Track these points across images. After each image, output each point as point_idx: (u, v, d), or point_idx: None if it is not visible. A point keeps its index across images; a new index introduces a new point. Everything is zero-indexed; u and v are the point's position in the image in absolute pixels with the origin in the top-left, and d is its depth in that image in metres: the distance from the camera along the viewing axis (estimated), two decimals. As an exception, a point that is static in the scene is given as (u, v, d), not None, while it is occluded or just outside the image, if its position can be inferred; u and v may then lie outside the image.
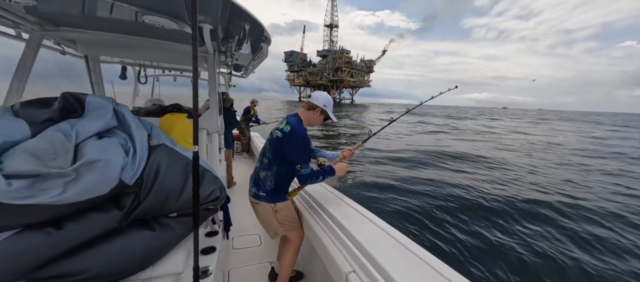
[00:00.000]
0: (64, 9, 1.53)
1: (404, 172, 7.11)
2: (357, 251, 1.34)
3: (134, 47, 2.19)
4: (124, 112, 1.20)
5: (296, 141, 1.61)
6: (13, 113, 0.93)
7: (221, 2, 1.30)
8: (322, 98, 1.74)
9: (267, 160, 1.70)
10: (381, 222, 1.57)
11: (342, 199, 1.96)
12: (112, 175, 1.00)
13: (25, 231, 0.89)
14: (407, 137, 14.62)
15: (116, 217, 1.11)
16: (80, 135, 0.96)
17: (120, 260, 1.12)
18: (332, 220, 1.66)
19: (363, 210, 1.75)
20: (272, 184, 1.71)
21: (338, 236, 1.52)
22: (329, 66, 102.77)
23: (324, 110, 1.74)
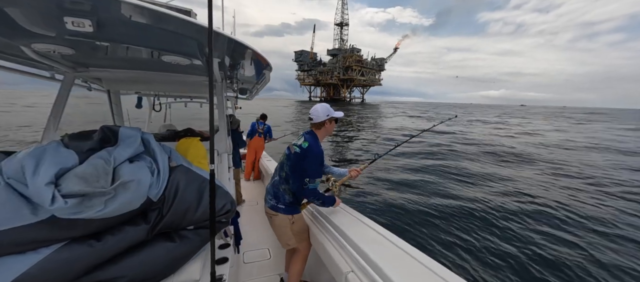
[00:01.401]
0: (94, 53, 1.74)
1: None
2: (355, 253, 1.48)
3: (151, 81, 2.44)
4: (149, 139, 1.40)
5: (314, 157, 1.72)
6: (64, 145, 1.15)
7: (227, 40, 1.47)
8: (321, 110, 1.78)
9: (285, 174, 1.82)
10: (379, 228, 1.70)
11: (345, 209, 2.08)
12: (142, 192, 1.19)
13: (71, 244, 1.07)
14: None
15: (144, 230, 1.29)
16: (116, 160, 1.16)
17: (148, 268, 1.29)
18: (334, 227, 1.80)
19: (363, 218, 1.87)
20: (291, 197, 1.82)
21: (338, 240, 1.65)
22: (339, 65, 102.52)
23: (331, 118, 1.81)
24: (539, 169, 8.37)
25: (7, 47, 1.49)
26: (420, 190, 6.07)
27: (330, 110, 1.82)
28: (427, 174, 7.44)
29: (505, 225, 4.39)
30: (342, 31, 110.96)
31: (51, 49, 1.49)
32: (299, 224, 1.93)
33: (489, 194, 5.81)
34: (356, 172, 2.11)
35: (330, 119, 1.83)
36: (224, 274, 1.58)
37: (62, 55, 1.69)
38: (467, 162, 8.77)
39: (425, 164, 8.48)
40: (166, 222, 1.39)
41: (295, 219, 1.90)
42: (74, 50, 1.56)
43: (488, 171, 7.83)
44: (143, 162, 1.30)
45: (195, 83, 2.53)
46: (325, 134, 1.87)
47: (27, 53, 1.56)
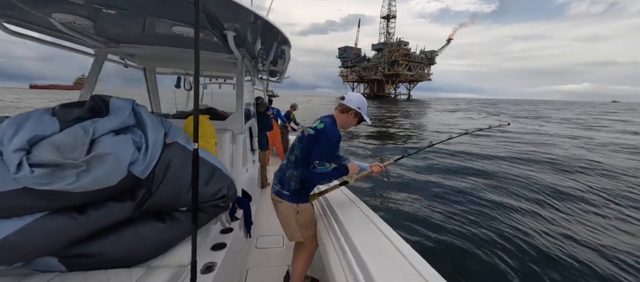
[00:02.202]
0: (115, 27, 1.81)
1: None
2: (354, 262, 1.22)
3: (177, 58, 2.49)
4: (142, 112, 1.33)
5: (328, 140, 1.56)
6: (52, 113, 1.13)
7: (240, 10, 1.37)
8: (356, 100, 1.67)
9: (294, 158, 1.67)
10: (393, 235, 1.40)
11: (358, 205, 1.82)
12: (120, 167, 1.10)
13: (54, 214, 1.06)
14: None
15: (129, 207, 1.23)
16: (97, 131, 1.10)
17: (133, 247, 1.23)
18: (340, 227, 1.55)
19: (377, 220, 1.58)
20: (297, 184, 1.66)
21: (340, 243, 1.40)
22: (384, 60, 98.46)
23: (358, 113, 1.67)
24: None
25: (36, 19, 1.59)
26: (464, 206, 4.79)
27: (364, 108, 1.70)
28: (480, 186, 5.89)
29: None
30: (389, 24, 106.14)
31: (71, 20, 1.55)
32: (304, 215, 1.72)
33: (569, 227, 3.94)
34: (379, 167, 1.85)
35: (357, 113, 1.68)
36: (218, 262, 1.44)
37: (94, 28, 1.78)
38: (525, 170, 6.88)
39: (480, 171, 6.97)
40: (155, 201, 1.30)
41: (301, 209, 1.70)
42: (92, 21, 1.59)
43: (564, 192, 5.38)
44: (130, 135, 1.22)
45: (220, 62, 2.50)
46: (344, 124, 1.71)
47: (57, 26, 1.66)
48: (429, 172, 6.58)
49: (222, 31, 1.75)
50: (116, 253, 1.20)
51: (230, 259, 1.66)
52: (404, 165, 6.92)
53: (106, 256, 1.18)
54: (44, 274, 1.13)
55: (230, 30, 1.73)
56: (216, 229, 1.76)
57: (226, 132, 2.15)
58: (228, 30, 1.73)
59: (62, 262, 1.14)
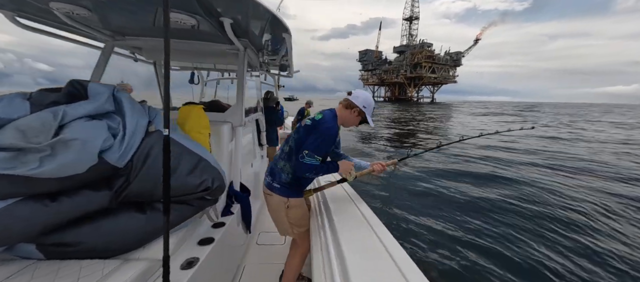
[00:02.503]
0: (117, 18, 1.82)
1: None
2: (336, 265, 1.07)
3: (182, 50, 2.47)
4: (123, 99, 1.28)
5: (323, 132, 1.44)
6: (27, 97, 1.11)
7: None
8: (363, 97, 1.55)
9: (288, 149, 1.57)
10: (384, 235, 1.25)
11: (357, 204, 1.66)
12: (89, 154, 1.05)
13: (27, 200, 1.03)
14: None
15: (106, 196, 1.18)
16: (67, 116, 1.06)
17: (111, 238, 1.18)
18: (330, 224, 1.42)
19: (373, 219, 1.44)
20: (288, 176, 1.55)
21: (327, 242, 1.26)
22: (407, 62, 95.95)
23: (361, 112, 1.55)
24: None
25: (40, 12, 1.62)
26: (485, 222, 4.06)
27: (369, 108, 1.58)
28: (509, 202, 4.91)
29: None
30: (411, 26, 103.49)
31: (69, 10, 1.56)
32: (296, 211, 1.59)
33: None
34: (380, 166, 1.70)
35: (361, 112, 1.56)
36: (201, 257, 1.35)
37: (100, 21, 1.81)
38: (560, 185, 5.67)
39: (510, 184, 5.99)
40: (133, 191, 1.24)
41: (291, 203, 1.57)
42: (89, 11, 1.59)
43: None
44: (105, 121, 1.17)
45: (223, 53, 2.46)
46: (346, 121, 1.60)
47: (61, 17, 1.70)
48: (457, 179, 6.00)
49: (218, 18, 1.69)
50: (93, 243, 1.15)
51: (218, 255, 1.57)
52: (422, 168, 6.52)
53: (83, 245, 1.14)
54: (21, 261, 1.11)
55: (226, 18, 1.67)
56: (208, 223, 1.69)
57: (225, 124, 2.08)
58: (224, 17, 1.67)
59: (40, 250, 1.11)
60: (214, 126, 2.01)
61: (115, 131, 1.20)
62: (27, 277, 0.99)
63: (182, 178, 1.34)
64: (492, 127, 16.62)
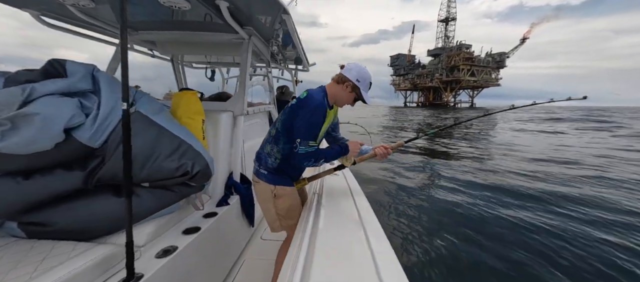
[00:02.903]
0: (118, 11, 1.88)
1: None
2: (301, 264, 0.88)
3: (197, 42, 2.50)
4: (100, 78, 1.25)
5: (310, 111, 1.28)
6: (4, 76, 1.12)
7: None
8: (356, 70, 1.36)
9: (275, 131, 1.44)
10: (376, 235, 1.04)
11: (355, 197, 1.47)
12: (50, 130, 1.02)
13: (3, 177, 1.04)
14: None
15: (78, 177, 1.15)
16: (35, 92, 1.04)
17: (84, 220, 1.15)
18: (315, 219, 1.22)
19: (368, 215, 1.23)
20: (276, 161, 1.40)
21: (301, 243, 1.06)
22: (442, 65, 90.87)
23: (355, 87, 1.36)
24: None
25: (58, 8, 1.72)
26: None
27: (365, 82, 1.38)
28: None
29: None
30: (447, 27, 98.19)
31: (75, 2, 1.62)
32: (284, 200, 1.42)
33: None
34: (383, 149, 1.49)
35: (355, 87, 1.36)
36: (180, 246, 1.27)
37: (115, 16, 1.88)
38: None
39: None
40: (107, 172, 1.19)
41: (279, 192, 1.41)
42: (95, 3, 1.64)
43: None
44: (76, 99, 1.13)
45: (230, 44, 2.44)
46: (337, 98, 1.42)
47: (76, 13, 1.79)
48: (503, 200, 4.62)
49: (213, 2, 1.63)
50: (68, 224, 1.13)
51: (204, 246, 1.46)
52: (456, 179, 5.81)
53: (58, 225, 1.12)
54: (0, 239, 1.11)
55: (222, 0, 1.60)
56: (200, 212, 1.61)
57: (225, 113, 2.02)
58: (220, 0, 1.60)
59: (22, 229, 1.11)
60: (214, 114, 1.97)
61: (89, 110, 1.16)
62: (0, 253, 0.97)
63: (159, 161, 1.27)
64: (552, 139, 12.46)
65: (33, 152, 1.01)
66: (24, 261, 0.91)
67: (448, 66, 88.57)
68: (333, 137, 1.65)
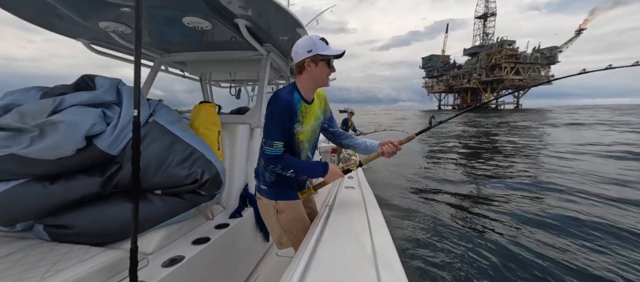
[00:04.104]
0: (158, 36, 2.05)
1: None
2: (296, 278, 0.81)
3: (216, 61, 2.65)
4: (124, 91, 1.34)
5: (269, 108, 1.18)
6: (43, 90, 1.25)
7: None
8: (300, 45, 1.20)
9: (263, 142, 1.34)
10: (386, 250, 0.92)
11: (367, 209, 1.33)
12: (73, 136, 1.09)
13: (31, 182, 1.14)
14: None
15: (97, 182, 1.21)
16: (64, 102, 1.14)
17: (100, 225, 1.20)
18: (319, 236, 1.13)
19: (380, 233, 1.08)
20: (273, 175, 1.33)
21: (304, 252, 0.99)
22: (481, 65, 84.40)
23: (314, 57, 1.17)
24: None
25: (90, 32, 1.93)
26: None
27: (317, 44, 1.17)
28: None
29: None
30: (486, 24, 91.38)
31: (115, 28, 1.79)
32: (287, 214, 1.34)
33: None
34: (391, 147, 1.33)
35: (315, 57, 1.18)
36: (187, 256, 1.27)
37: (151, 40, 2.07)
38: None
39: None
40: (124, 178, 1.26)
41: (281, 206, 1.33)
42: (129, 27, 1.80)
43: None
44: (100, 109, 1.23)
45: (251, 61, 2.53)
46: (310, 83, 1.24)
47: (116, 39, 1.99)
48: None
49: (232, 20, 1.69)
50: (82, 228, 1.18)
51: (213, 257, 1.46)
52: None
53: (74, 229, 1.18)
54: (24, 240, 1.19)
55: (241, 19, 1.66)
56: (212, 222, 1.62)
57: (242, 125, 2.06)
58: (239, 18, 1.66)
59: (47, 231, 1.19)
60: (231, 126, 2.02)
61: (111, 120, 1.24)
62: (21, 254, 1.06)
63: (170, 168, 1.30)
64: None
65: (57, 157, 1.09)
66: (41, 263, 0.97)
67: (488, 65, 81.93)
68: (332, 134, 1.50)
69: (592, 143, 10.56)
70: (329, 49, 1.19)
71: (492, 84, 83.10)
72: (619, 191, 4.81)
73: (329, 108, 1.48)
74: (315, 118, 1.33)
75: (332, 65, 1.22)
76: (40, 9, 1.55)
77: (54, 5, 1.46)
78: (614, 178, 5.57)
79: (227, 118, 2.14)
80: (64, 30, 1.94)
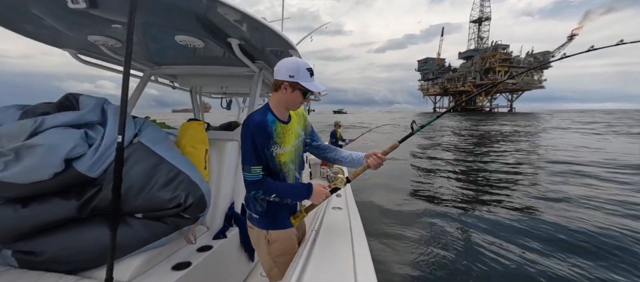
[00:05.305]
0: (151, 49, 2.01)
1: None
2: None
3: (206, 75, 2.62)
4: (108, 110, 1.31)
5: (242, 134, 1.15)
6: (22, 109, 1.22)
7: (239, 15, 1.31)
8: (285, 66, 1.15)
9: (242, 168, 1.28)
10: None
11: (353, 238, 1.32)
12: (51, 160, 1.05)
13: (3, 205, 1.08)
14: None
15: (73, 206, 1.15)
16: (45, 123, 1.10)
17: (73, 250, 1.15)
18: (307, 257, 1.13)
19: (363, 265, 1.06)
20: (263, 203, 1.27)
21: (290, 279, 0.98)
22: (475, 68, 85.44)
23: (293, 84, 1.14)
24: None
25: (78, 43, 1.89)
26: None
27: (300, 71, 1.14)
28: None
29: None
30: (481, 28, 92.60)
31: (104, 42, 1.76)
32: (278, 246, 1.29)
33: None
34: (376, 159, 1.28)
35: (292, 84, 1.14)
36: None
37: (140, 52, 2.03)
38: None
39: None
40: (103, 201, 1.20)
41: (272, 237, 1.28)
42: (119, 41, 1.76)
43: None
44: (82, 130, 1.19)
45: (242, 76, 2.52)
46: (284, 104, 1.21)
47: (106, 51, 1.95)
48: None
49: (225, 40, 1.68)
50: (54, 253, 1.13)
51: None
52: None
53: (45, 255, 1.12)
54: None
55: (234, 38, 1.65)
56: (194, 245, 1.54)
57: (230, 142, 2.00)
58: (232, 38, 1.65)
59: (15, 257, 1.13)
60: (220, 143, 1.96)
61: (93, 141, 1.21)
62: None
63: (153, 191, 1.26)
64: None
65: (32, 181, 1.04)
66: None
67: (482, 68, 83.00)
68: (316, 148, 1.46)
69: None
70: (310, 82, 1.16)
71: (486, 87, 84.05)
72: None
73: (309, 122, 1.45)
74: (295, 136, 1.29)
75: (307, 96, 1.20)
76: (25, 18, 1.48)
77: (40, 17, 1.42)
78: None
79: (216, 134, 2.10)
80: (50, 40, 1.89)
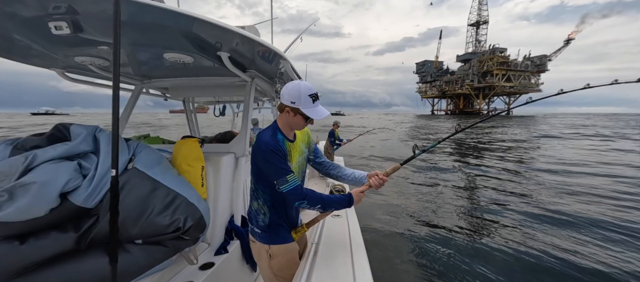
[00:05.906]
0: (136, 64, 2.00)
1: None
2: None
3: (198, 86, 2.63)
4: (101, 138, 1.30)
5: (262, 156, 1.17)
6: (13, 144, 1.20)
7: (224, 31, 1.34)
8: (287, 92, 1.20)
9: (252, 185, 1.33)
10: None
11: (352, 252, 1.36)
12: (46, 197, 1.04)
13: (0, 243, 1.06)
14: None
15: (71, 238, 1.15)
16: (37, 159, 1.10)
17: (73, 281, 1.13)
18: (309, 272, 1.19)
19: (361, 268, 1.15)
20: (266, 217, 1.29)
21: None
22: (473, 71, 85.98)
23: (294, 109, 1.20)
24: None
25: (65, 63, 1.86)
26: None
27: (301, 98, 1.17)
28: None
29: None
30: (478, 31, 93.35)
31: (91, 62, 1.75)
32: (280, 260, 1.30)
33: None
34: (378, 179, 1.33)
35: (294, 109, 1.20)
36: None
37: (132, 67, 2.02)
38: None
39: None
40: (101, 232, 1.20)
41: (274, 251, 1.29)
42: (107, 60, 1.76)
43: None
44: (74, 162, 1.18)
45: (235, 86, 2.52)
46: (290, 125, 1.27)
47: (94, 70, 1.94)
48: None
49: (215, 53, 1.68)
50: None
51: None
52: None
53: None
54: None
55: (223, 52, 1.65)
56: (194, 265, 1.58)
57: (226, 155, 2.00)
58: (221, 51, 1.65)
59: None
60: (216, 157, 1.96)
61: (87, 171, 1.20)
62: None
63: (151, 217, 1.26)
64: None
65: (28, 219, 1.05)
66: None
67: (480, 71, 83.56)
68: (319, 164, 1.50)
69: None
70: (311, 109, 1.19)
71: (483, 90, 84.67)
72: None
73: (312, 140, 1.49)
74: (299, 153, 1.34)
75: (309, 119, 1.23)
76: (12, 44, 1.46)
77: (27, 43, 1.41)
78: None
79: (211, 148, 2.09)
80: (38, 63, 1.87)
